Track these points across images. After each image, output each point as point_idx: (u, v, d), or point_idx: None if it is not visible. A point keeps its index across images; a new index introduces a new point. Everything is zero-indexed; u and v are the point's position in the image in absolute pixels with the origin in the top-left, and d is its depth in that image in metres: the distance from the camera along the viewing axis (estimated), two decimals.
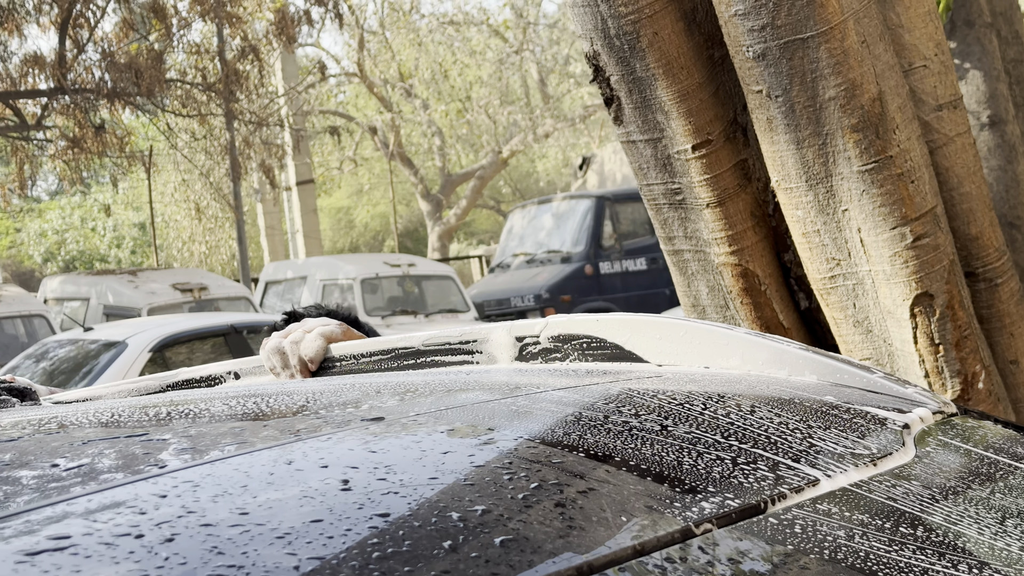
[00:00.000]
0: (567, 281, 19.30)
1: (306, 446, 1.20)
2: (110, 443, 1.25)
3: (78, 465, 1.14)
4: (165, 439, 1.27)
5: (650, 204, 2.79)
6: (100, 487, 1.07)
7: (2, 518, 1.00)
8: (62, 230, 44.24)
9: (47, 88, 17.87)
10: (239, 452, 1.17)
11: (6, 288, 16.25)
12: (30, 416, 1.50)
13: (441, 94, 25.77)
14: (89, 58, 17.99)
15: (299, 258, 24.04)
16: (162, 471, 1.10)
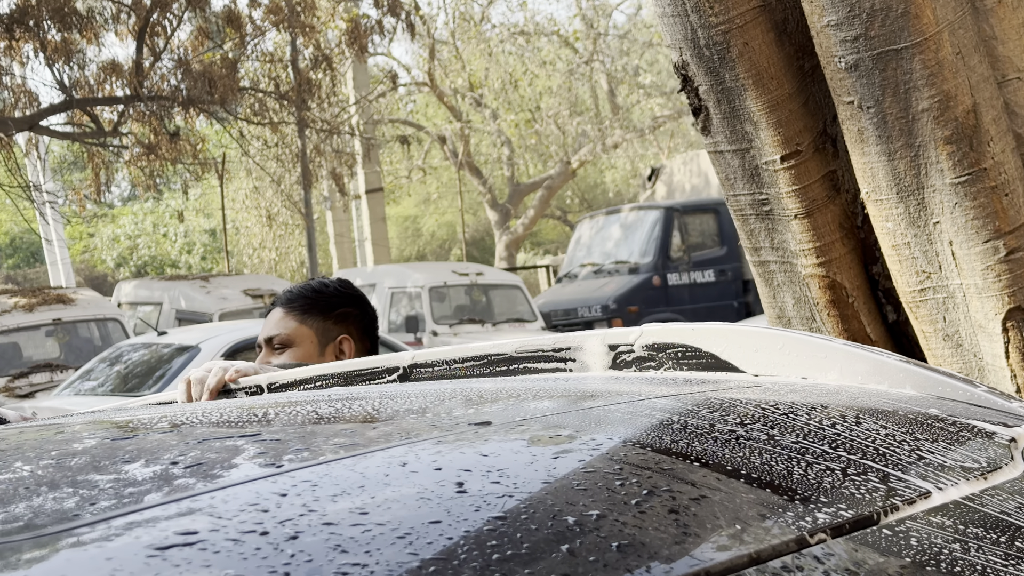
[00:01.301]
0: (635, 292, 19.24)
1: (418, 449, 1.21)
2: (225, 442, 1.26)
3: (196, 464, 1.16)
4: (278, 439, 1.29)
5: (736, 215, 2.78)
6: (220, 485, 1.09)
7: (128, 513, 1.02)
8: (134, 235, 44.83)
9: (124, 95, 18.13)
10: (353, 453, 1.18)
11: (81, 292, 16.50)
12: (142, 416, 1.53)
13: (511, 104, 25.82)
14: (165, 66, 18.24)
15: (367, 266, 24.18)
16: (279, 470, 1.12)
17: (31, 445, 1.32)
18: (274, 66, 20.08)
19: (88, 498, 1.08)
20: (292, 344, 2.94)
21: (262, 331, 2.98)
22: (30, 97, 18.11)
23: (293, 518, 0.99)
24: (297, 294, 3.02)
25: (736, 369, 1.78)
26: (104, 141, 18.67)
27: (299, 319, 2.96)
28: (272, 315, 2.99)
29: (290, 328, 2.94)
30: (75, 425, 1.47)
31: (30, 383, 14.53)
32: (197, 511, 1.01)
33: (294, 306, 2.98)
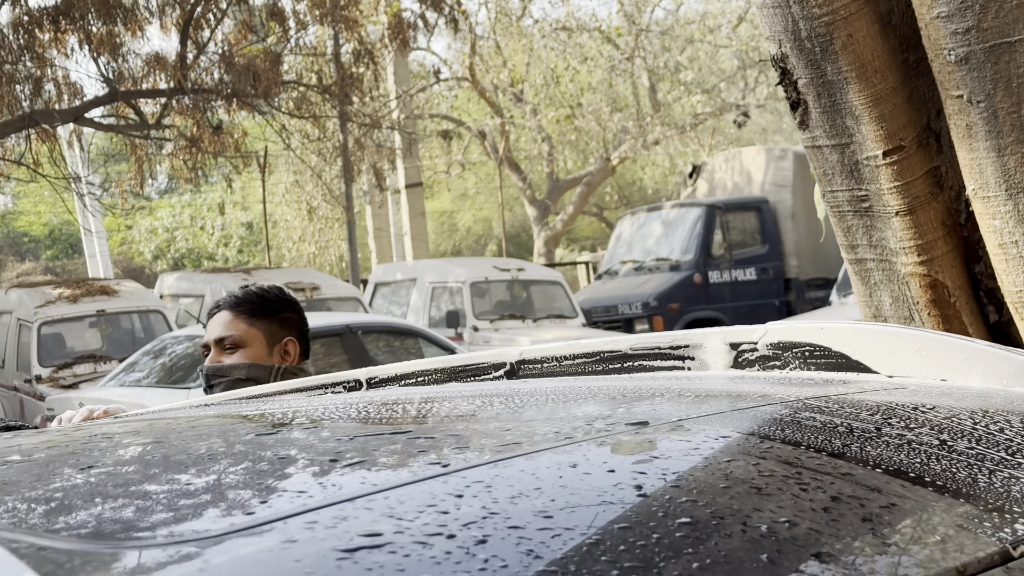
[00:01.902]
0: (676, 289, 19.17)
1: (584, 450, 1.16)
2: (379, 439, 1.22)
3: (358, 461, 1.12)
4: (433, 438, 1.24)
5: (833, 211, 2.71)
6: (391, 484, 1.04)
7: (304, 512, 0.97)
8: (172, 228, 45.06)
9: (168, 88, 18.19)
10: (518, 454, 1.14)
11: (124, 283, 16.56)
12: (271, 410, 1.49)
13: (552, 99, 25.76)
14: (209, 59, 18.29)
15: (406, 261, 24.19)
16: (447, 470, 1.07)
17: (178, 440, 1.28)
18: (317, 60, 20.10)
19: (257, 495, 1.04)
20: (244, 345, 3.07)
21: (209, 333, 3.10)
22: (74, 89, 18.20)
23: (476, 520, 0.95)
24: (244, 299, 3.15)
25: (868, 370, 1.73)
26: (147, 134, 18.74)
27: (248, 321, 3.09)
28: (218, 318, 3.11)
29: (240, 330, 3.07)
30: (204, 419, 1.43)
31: (74, 373, 14.60)
32: (375, 511, 0.96)
33: (242, 309, 3.11)
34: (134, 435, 1.35)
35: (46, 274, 41.95)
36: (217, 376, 3.02)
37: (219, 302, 3.17)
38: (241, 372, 3.03)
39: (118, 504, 1.02)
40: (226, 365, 3.03)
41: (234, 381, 3.00)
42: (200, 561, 0.89)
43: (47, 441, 1.36)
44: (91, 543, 0.93)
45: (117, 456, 1.20)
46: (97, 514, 0.99)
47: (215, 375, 3.02)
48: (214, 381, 3.02)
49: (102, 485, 1.07)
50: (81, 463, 1.17)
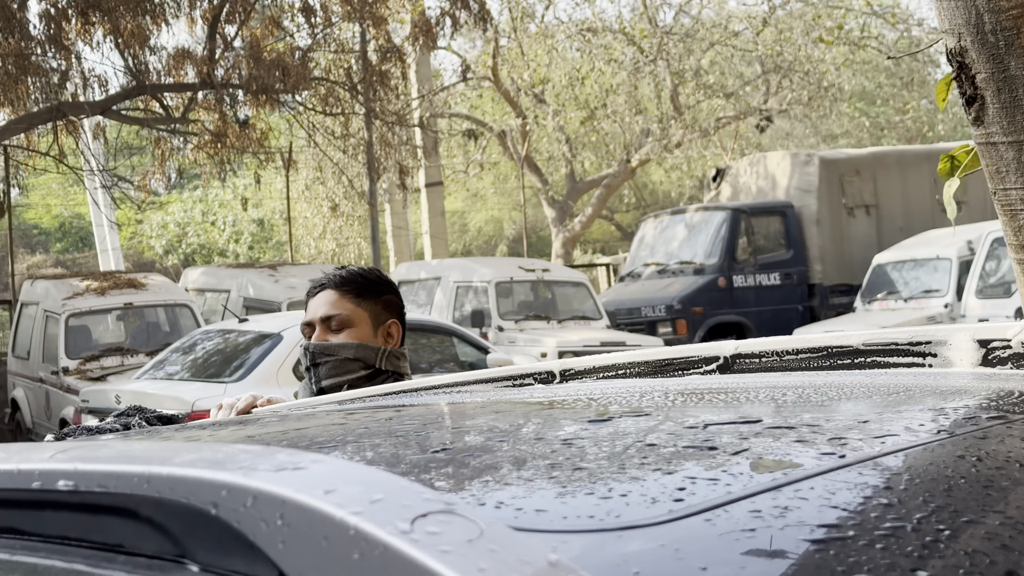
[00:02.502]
0: (700, 293, 19.13)
1: (968, 441, 1.12)
2: (739, 428, 1.18)
3: (741, 449, 1.08)
4: (794, 427, 1.19)
5: (1004, 210, 2.66)
6: (808, 473, 1.00)
7: (738, 499, 0.93)
8: (183, 223, 45.05)
9: (195, 82, 18.16)
10: (914, 444, 1.09)
11: (152, 277, 16.53)
12: (577, 396, 1.45)
13: (577, 99, 25.71)
14: (236, 54, 18.25)
15: (430, 259, 24.15)
16: (855, 458, 1.03)
17: (527, 425, 1.24)
18: (343, 57, 20.06)
19: (669, 482, 0.99)
20: (351, 325, 3.00)
21: (312, 311, 3.03)
22: (100, 82, 18.18)
23: (924, 510, 0.90)
24: (350, 278, 3.09)
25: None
26: (174, 128, 18.70)
27: (355, 301, 3.03)
28: (322, 296, 3.03)
29: (348, 309, 3.01)
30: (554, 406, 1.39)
31: (101, 366, 14.57)
32: (812, 500, 0.92)
33: (348, 288, 3.05)
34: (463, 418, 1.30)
35: (56, 267, 41.92)
36: (324, 355, 2.95)
37: (322, 280, 3.10)
38: (349, 352, 2.97)
39: (557, 487, 0.97)
40: (334, 344, 2.96)
41: (342, 361, 2.95)
42: (664, 543, 0.85)
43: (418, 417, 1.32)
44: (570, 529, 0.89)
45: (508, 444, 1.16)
46: (544, 498, 0.95)
47: (322, 353, 2.95)
48: (320, 360, 2.95)
49: (531, 469, 1.03)
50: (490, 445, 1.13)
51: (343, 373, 2.95)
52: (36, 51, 16.93)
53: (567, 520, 0.90)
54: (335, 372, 2.94)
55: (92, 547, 0.94)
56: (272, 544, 0.82)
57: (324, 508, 0.80)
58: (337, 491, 0.82)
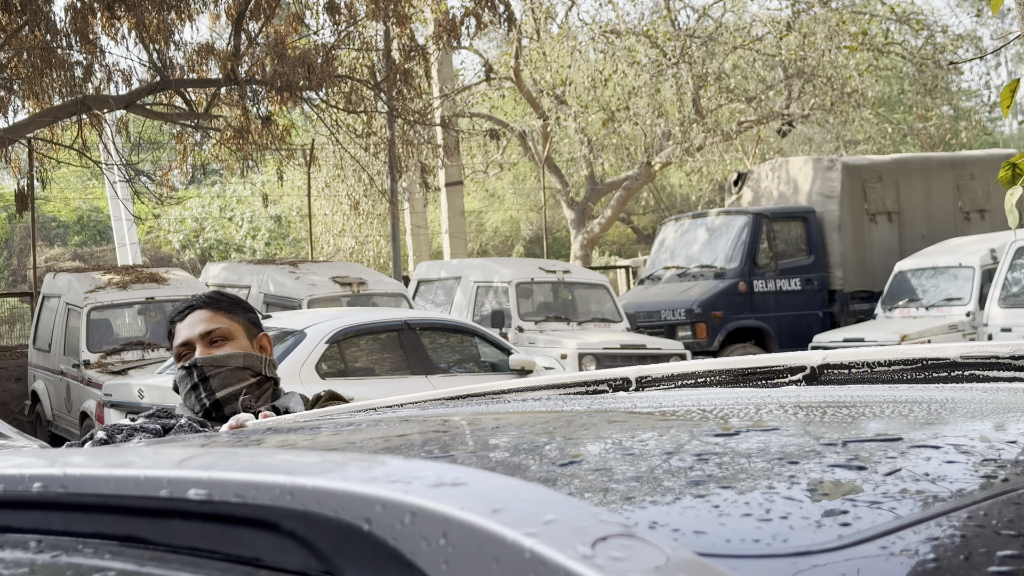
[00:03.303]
0: (720, 297, 19.06)
1: None
2: (894, 445, 1.13)
3: (897, 469, 1.03)
4: (961, 446, 1.14)
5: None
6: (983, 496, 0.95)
7: (916, 523, 0.88)
8: (201, 218, 45.13)
9: (219, 78, 18.17)
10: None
11: (173, 272, 16.52)
12: (722, 408, 1.40)
13: (598, 101, 25.65)
14: (261, 51, 18.25)
15: (449, 259, 24.12)
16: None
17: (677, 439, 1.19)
18: (367, 55, 20.05)
19: (830, 503, 0.94)
20: (232, 337, 3.05)
21: (188, 332, 3.04)
22: (124, 76, 18.19)
23: None
24: (216, 296, 3.17)
25: None
26: (197, 123, 18.70)
27: (228, 316, 3.08)
28: (194, 316, 3.06)
29: (225, 323, 3.06)
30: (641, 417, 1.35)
31: (122, 360, 14.56)
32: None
33: (220, 306, 3.11)
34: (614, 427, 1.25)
35: (75, 260, 42.03)
36: (214, 367, 2.95)
37: (188, 303, 3.12)
38: (239, 361, 2.99)
39: (708, 510, 0.92)
40: (222, 355, 2.98)
41: (232, 370, 2.97)
42: (843, 572, 0.80)
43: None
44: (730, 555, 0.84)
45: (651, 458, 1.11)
46: (705, 521, 0.90)
47: (212, 365, 2.95)
48: (211, 372, 2.95)
49: (686, 488, 0.98)
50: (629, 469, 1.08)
51: (236, 382, 2.97)
52: (61, 45, 16.94)
53: (732, 544, 0.86)
54: (228, 382, 2.96)
55: (226, 560, 0.90)
56: (434, 565, 0.77)
57: (494, 528, 0.76)
58: (506, 510, 0.78)
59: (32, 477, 1.00)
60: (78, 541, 0.98)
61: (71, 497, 0.98)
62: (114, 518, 0.96)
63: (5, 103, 17.05)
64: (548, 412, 1.50)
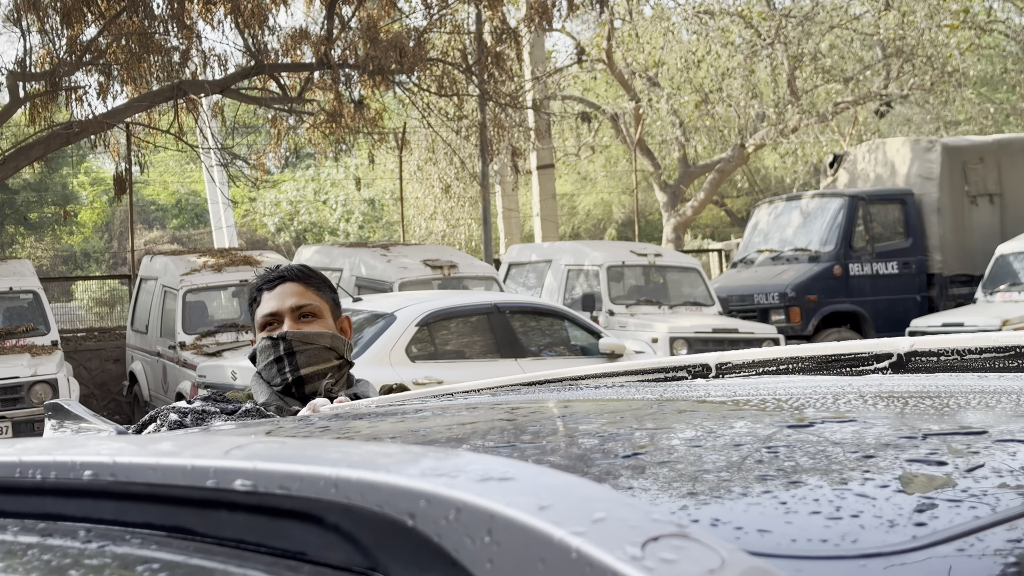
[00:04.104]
0: (814, 281, 18.79)
1: None
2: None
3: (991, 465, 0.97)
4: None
5: None
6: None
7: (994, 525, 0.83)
8: (295, 202, 45.63)
9: (312, 62, 18.30)
10: None
11: (267, 255, 16.72)
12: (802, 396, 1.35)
13: (691, 83, 25.42)
14: (353, 34, 18.34)
15: (534, 242, 24.09)
16: None
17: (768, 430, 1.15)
18: (459, 38, 20.06)
19: (912, 500, 0.89)
20: (320, 315, 3.00)
21: (279, 301, 2.97)
22: (219, 61, 18.40)
23: None
24: (309, 271, 3.10)
25: None
26: (290, 107, 18.87)
27: (318, 294, 3.03)
28: (285, 288, 3.00)
29: (315, 300, 3.00)
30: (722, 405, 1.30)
31: (216, 342, 14.76)
32: None
33: (312, 281, 3.05)
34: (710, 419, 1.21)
35: (172, 243, 42.78)
36: (303, 342, 2.89)
37: (280, 273, 3.05)
38: (327, 341, 2.94)
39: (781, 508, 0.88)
40: (313, 332, 2.92)
41: (320, 349, 2.91)
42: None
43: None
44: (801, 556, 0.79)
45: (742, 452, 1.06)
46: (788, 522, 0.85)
47: (301, 341, 2.89)
48: (298, 348, 2.89)
49: (754, 486, 0.93)
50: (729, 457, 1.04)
51: (321, 362, 2.91)
52: (158, 30, 17.18)
53: (797, 544, 0.81)
54: (314, 360, 2.90)
55: (271, 553, 0.87)
56: (478, 563, 0.74)
57: (540, 526, 0.72)
58: (553, 507, 0.74)
59: (83, 465, 0.99)
60: (126, 531, 0.96)
61: (120, 486, 0.96)
62: (162, 508, 0.94)
63: (105, 88, 17.35)
64: (617, 401, 1.46)
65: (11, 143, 17.50)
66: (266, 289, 3.02)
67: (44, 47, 17.01)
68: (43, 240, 44.95)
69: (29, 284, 14.70)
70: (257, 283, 3.09)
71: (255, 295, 3.07)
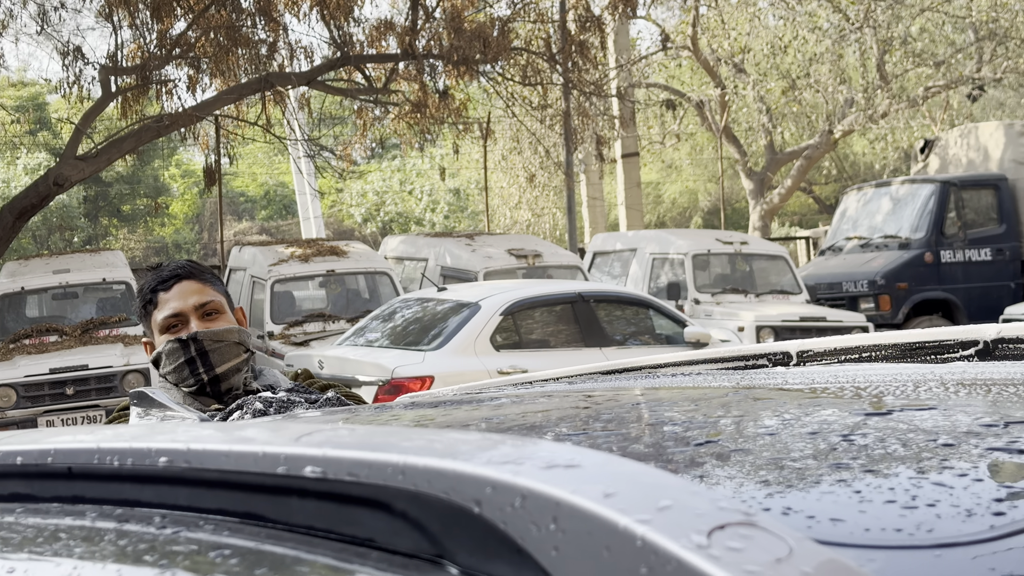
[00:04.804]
0: (905, 268, 18.48)
1: None
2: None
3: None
4: None
5: None
6: None
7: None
8: (381, 192, 45.97)
9: (397, 53, 18.40)
10: None
11: (353, 245, 16.85)
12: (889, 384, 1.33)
13: (778, 69, 25.14)
14: (437, 25, 18.41)
15: (619, 231, 24.01)
16: None
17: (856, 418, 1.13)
18: (542, 27, 20.04)
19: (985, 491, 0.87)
20: (222, 311, 2.95)
21: (179, 301, 2.93)
22: (306, 53, 18.57)
23: None
24: (201, 267, 3.04)
25: None
26: (376, 98, 19.00)
27: (214, 288, 2.99)
28: (184, 287, 2.95)
29: (215, 296, 2.96)
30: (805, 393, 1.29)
31: (304, 331, 14.93)
32: None
33: (207, 277, 3.00)
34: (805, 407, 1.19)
35: (261, 233, 43.34)
36: (213, 340, 2.85)
37: (175, 271, 2.99)
38: (235, 336, 2.90)
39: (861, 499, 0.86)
40: (222, 329, 2.88)
41: (230, 345, 2.87)
42: (993, 566, 0.73)
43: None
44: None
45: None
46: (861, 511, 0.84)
47: (212, 340, 2.85)
48: (210, 347, 2.85)
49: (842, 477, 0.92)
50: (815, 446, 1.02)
51: (233, 357, 2.87)
52: (246, 23, 17.40)
53: (870, 533, 0.79)
54: (227, 357, 2.86)
55: (341, 539, 0.87)
56: (543, 550, 0.73)
57: (605, 514, 0.71)
58: (618, 494, 0.73)
59: (158, 451, 1.00)
60: (200, 517, 0.97)
61: (194, 472, 0.97)
62: (235, 494, 0.95)
63: (194, 81, 17.62)
64: (693, 388, 1.45)
65: (104, 136, 17.81)
66: (162, 290, 2.97)
67: (135, 41, 17.31)
68: (135, 232, 45.85)
69: (122, 275, 14.97)
70: (151, 284, 3.00)
71: (149, 296, 2.99)
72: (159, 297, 2.97)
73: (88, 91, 17.44)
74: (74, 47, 17.17)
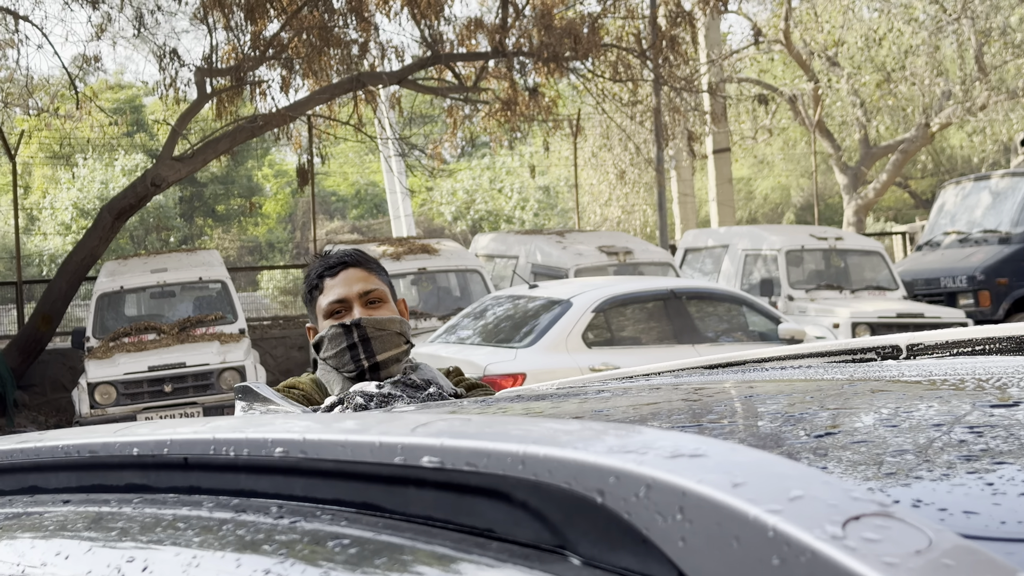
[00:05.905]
0: (1005, 263, 18.08)
1: None
2: None
3: None
4: None
5: None
6: None
7: None
8: (471, 190, 46.10)
9: (487, 51, 18.44)
10: None
11: (444, 243, 16.92)
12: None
13: (872, 61, 24.77)
14: (527, 22, 18.41)
15: (717, 227, 23.83)
16: None
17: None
18: (633, 23, 19.94)
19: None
20: (386, 300, 2.98)
21: (344, 288, 2.96)
22: (396, 52, 18.69)
23: None
24: (367, 256, 3.06)
25: None
26: (466, 96, 19.06)
27: (379, 278, 3.01)
28: (348, 274, 2.98)
29: (379, 285, 2.99)
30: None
31: None
32: None
33: (372, 266, 3.03)
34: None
35: (352, 232, 43.70)
36: (377, 328, 2.87)
37: (342, 259, 3.02)
38: (397, 326, 2.94)
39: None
40: (385, 318, 2.91)
41: (392, 335, 2.90)
42: None
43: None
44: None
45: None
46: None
47: (375, 327, 2.87)
48: (373, 334, 2.87)
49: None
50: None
51: (394, 347, 2.90)
52: (338, 23, 17.55)
53: (1007, 526, 0.77)
54: (388, 346, 2.89)
55: (459, 530, 0.87)
56: (670, 541, 0.72)
57: (735, 504, 0.69)
58: (747, 484, 0.71)
59: (274, 442, 1.00)
60: (317, 507, 0.97)
61: (310, 463, 0.97)
62: (351, 485, 0.95)
63: (287, 82, 17.81)
64: (806, 381, 1.42)
65: (199, 137, 18.09)
66: (328, 276, 3.01)
67: (229, 43, 17.55)
68: (230, 231, 46.49)
69: (217, 274, 15.19)
70: (317, 270, 3.05)
71: (316, 282, 3.04)
72: (325, 283, 3.02)
73: (184, 93, 17.72)
74: (170, 50, 17.45)
